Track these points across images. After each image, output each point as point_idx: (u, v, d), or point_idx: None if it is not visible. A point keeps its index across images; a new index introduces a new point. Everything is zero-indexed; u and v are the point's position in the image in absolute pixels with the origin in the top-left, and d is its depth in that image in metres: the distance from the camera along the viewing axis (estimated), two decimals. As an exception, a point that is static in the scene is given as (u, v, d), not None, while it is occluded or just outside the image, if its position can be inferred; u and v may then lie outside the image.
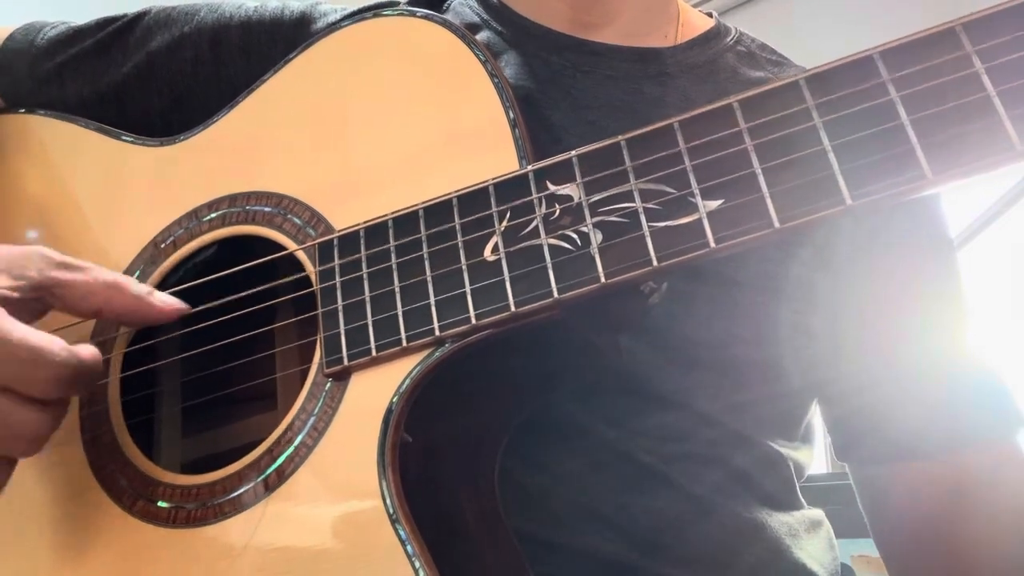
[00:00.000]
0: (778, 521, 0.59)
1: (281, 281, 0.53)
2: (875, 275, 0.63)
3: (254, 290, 0.52)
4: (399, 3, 0.69)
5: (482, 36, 0.66)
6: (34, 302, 0.49)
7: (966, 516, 0.61)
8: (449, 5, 0.71)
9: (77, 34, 0.70)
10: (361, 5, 0.71)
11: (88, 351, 0.46)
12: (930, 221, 0.66)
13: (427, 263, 0.46)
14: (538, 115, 0.60)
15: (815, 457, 0.68)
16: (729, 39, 0.69)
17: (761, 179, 0.40)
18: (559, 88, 0.62)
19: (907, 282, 0.63)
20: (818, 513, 0.65)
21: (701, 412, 0.57)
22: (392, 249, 0.47)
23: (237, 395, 0.58)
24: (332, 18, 0.67)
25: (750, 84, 0.65)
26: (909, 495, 0.63)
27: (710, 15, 0.72)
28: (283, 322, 0.56)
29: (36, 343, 0.44)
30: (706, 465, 0.57)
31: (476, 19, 0.68)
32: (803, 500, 0.64)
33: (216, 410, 0.60)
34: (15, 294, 0.47)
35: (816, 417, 0.68)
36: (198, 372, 0.58)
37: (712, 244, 0.40)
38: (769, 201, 0.39)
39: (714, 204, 0.40)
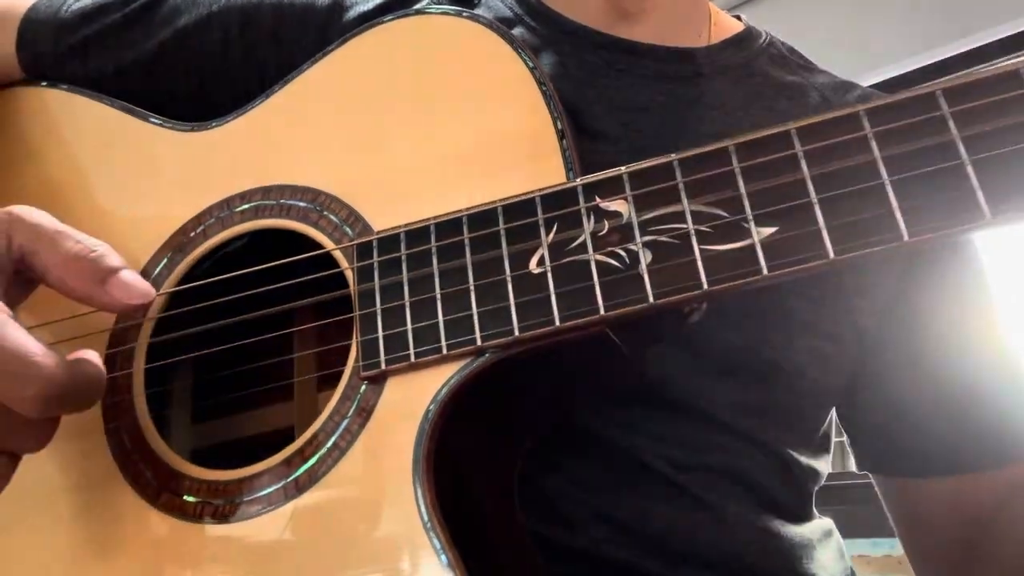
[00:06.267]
0: (792, 531, 0.60)
1: (313, 277, 0.52)
2: (906, 285, 0.63)
3: (287, 283, 0.51)
4: None
5: (514, 32, 0.65)
6: (16, 275, 0.46)
7: (1005, 534, 0.61)
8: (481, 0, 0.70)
9: (103, 8, 0.68)
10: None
11: (86, 368, 0.42)
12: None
13: (470, 272, 0.45)
14: (572, 117, 0.60)
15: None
16: (762, 42, 0.69)
17: (817, 210, 0.39)
18: (594, 88, 0.61)
19: (939, 290, 0.63)
20: (828, 523, 0.66)
21: (719, 420, 0.57)
22: (434, 255, 0.47)
23: (251, 387, 0.57)
24: (363, 8, 0.66)
25: (785, 88, 0.66)
26: (947, 510, 0.63)
27: (739, 18, 0.72)
28: (308, 320, 0.56)
29: (29, 357, 0.39)
30: (721, 474, 0.58)
31: (509, 14, 0.67)
32: (816, 511, 0.65)
33: (229, 401, 0.60)
34: None
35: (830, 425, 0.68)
36: (221, 364, 0.57)
37: (765, 272, 0.40)
38: (825, 233, 0.39)
39: (768, 231, 0.40)
